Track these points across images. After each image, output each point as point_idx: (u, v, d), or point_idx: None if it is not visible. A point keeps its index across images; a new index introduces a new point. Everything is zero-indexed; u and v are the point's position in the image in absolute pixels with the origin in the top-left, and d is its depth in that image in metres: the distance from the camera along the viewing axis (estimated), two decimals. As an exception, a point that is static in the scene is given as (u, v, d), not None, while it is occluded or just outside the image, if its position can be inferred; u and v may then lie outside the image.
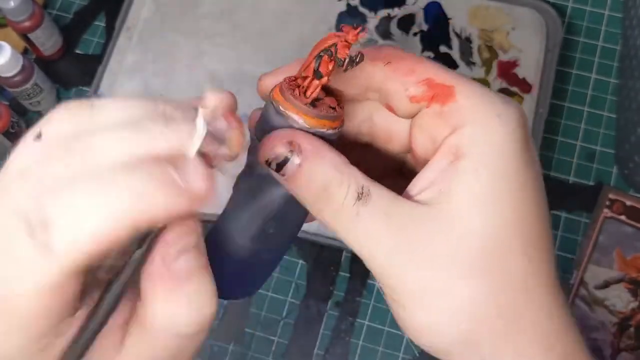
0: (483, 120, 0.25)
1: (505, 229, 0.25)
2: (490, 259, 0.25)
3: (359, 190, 0.25)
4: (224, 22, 0.70)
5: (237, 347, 0.60)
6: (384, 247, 0.25)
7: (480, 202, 0.25)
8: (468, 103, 0.25)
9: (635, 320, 0.59)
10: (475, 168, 0.25)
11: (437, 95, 0.26)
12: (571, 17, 0.70)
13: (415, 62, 0.27)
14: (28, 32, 0.64)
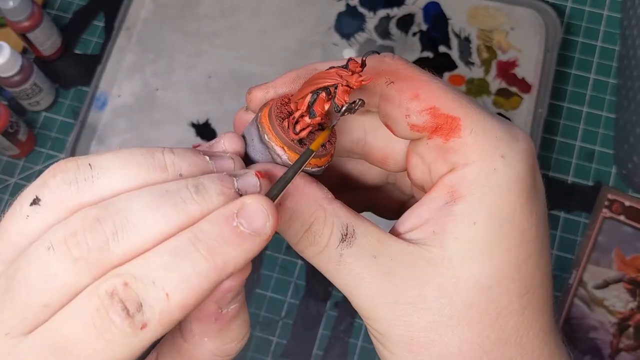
0: (486, 161, 0.24)
1: (500, 279, 0.24)
2: (481, 312, 0.23)
3: (342, 230, 0.24)
4: (223, 22, 0.70)
5: (236, 347, 0.60)
6: (370, 290, 0.24)
7: (476, 250, 0.23)
8: (472, 140, 0.24)
9: (634, 320, 0.59)
10: (473, 213, 0.23)
11: (440, 128, 0.24)
12: (570, 18, 0.70)
13: (421, 84, 0.24)
14: (27, 32, 0.64)
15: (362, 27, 0.69)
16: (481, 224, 0.23)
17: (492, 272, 0.23)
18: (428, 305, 0.23)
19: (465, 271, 0.23)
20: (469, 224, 0.23)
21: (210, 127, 0.65)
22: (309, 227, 0.24)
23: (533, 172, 0.24)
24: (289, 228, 0.25)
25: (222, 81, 0.67)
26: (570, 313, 0.60)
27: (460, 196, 0.24)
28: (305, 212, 0.24)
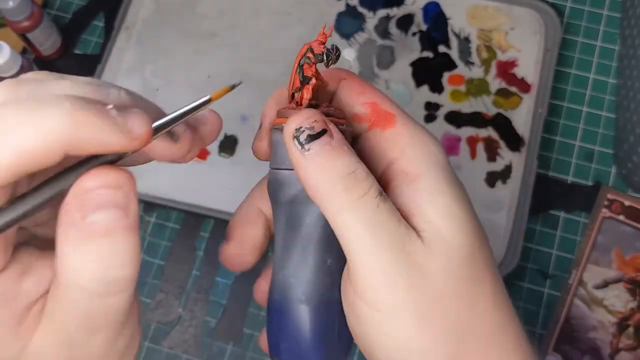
0: (423, 144, 0.27)
1: (477, 243, 0.26)
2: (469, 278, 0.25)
3: (380, 188, 0.25)
4: (222, 22, 0.70)
5: (236, 347, 0.60)
6: (389, 253, 0.24)
7: (453, 219, 0.26)
8: (407, 130, 0.27)
9: (634, 320, 0.59)
10: (436, 185, 0.26)
11: (378, 120, 0.28)
12: (570, 17, 0.70)
13: (367, 86, 0.29)
14: (27, 32, 0.64)
15: (362, 27, 0.69)
16: (447, 194, 0.26)
17: (471, 240, 0.26)
18: (435, 279, 0.24)
19: (454, 242, 0.25)
20: (439, 195, 0.25)
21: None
22: (354, 171, 0.25)
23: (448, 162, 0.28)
24: (330, 170, 0.24)
25: (221, 81, 0.67)
26: (570, 313, 0.60)
27: (418, 174, 0.26)
28: (351, 159, 0.25)
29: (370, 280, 0.24)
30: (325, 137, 0.25)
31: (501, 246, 0.60)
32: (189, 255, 0.62)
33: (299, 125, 0.25)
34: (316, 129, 0.25)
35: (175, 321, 0.61)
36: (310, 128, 0.25)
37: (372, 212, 0.24)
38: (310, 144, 0.25)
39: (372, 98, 0.28)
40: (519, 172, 0.62)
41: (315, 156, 0.25)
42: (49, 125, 0.19)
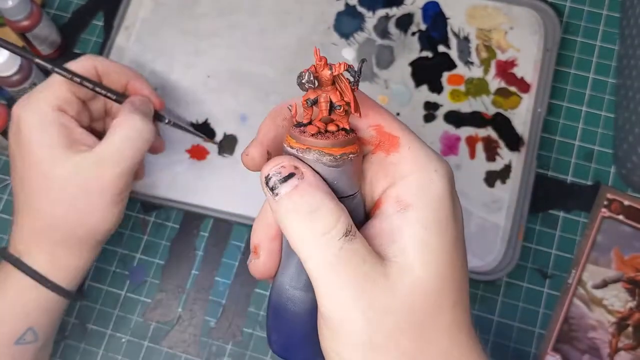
0: (424, 173, 0.27)
1: (446, 280, 0.27)
2: (433, 312, 0.26)
3: (347, 227, 0.26)
4: (222, 22, 0.70)
5: (235, 346, 0.60)
6: (352, 291, 0.25)
7: (430, 254, 0.26)
8: (410, 155, 0.27)
9: (633, 320, 0.59)
10: (422, 219, 0.26)
11: (383, 144, 0.28)
12: (569, 17, 0.70)
13: (372, 107, 0.28)
14: (26, 31, 0.64)
15: (361, 26, 0.69)
16: (430, 229, 0.26)
17: (441, 275, 0.26)
18: (396, 311, 0.26)
19: (423, 276, 0.26)
20: (423, 230, 0.26)
21: (209, 127, 0.65)
22: (317, 210, 0.26)
23: (454, 187, 0.28)
24: (297, 209, 0.26)
25: (221, 81, 0.67)
26: (570, 312, 0.60)
27: (409, 204, 0.27)
28: (315, 197, 0.26)
29: (331, 314, 0.26)
30: (292, 180, 0.26)
31: (500, 246, 0.60)
32: (189, 255, 0.62)
33: (267, 173, 0.27)
34: (283, 174, 0.26)
35: (174, 321, 0.61)
36: (277, 174, 0.26)
37: (333, 252, 0.25)
38: (278, 188, 0.26)
39: (376, 120, 0.28)
40: (518, 171, 0.63)
41: (282, 199, 0.26)
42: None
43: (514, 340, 0.60)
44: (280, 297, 0.30)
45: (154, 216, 0.64)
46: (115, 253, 0.63)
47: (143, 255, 0.63)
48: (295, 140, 0.27)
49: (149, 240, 0.63)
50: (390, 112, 0.29)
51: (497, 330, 0.60)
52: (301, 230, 0.26)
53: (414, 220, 0.26)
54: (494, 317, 0.60)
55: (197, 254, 0.63)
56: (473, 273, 0.59)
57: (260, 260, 0.30)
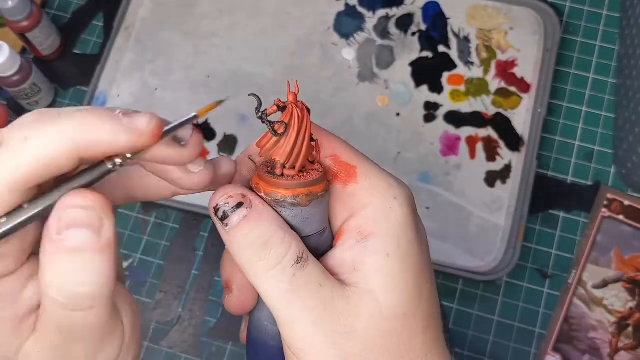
0: (383, 201, 0.27)
1: (410, 306, 0.26)
2: (398, 336, 0.26)
3: (299, 253, 0.25)
4: (222, 22, 0.70)
5: (235, 346, 0.60)
6: (312, 317, 0.25)
7: (392, 281, 0.26)
8: (368, 185, 0.27)
9: (634, 320, 0.59)
10: (384, 246, 0.26)
11: (340, 174, 0.27)
12: (569, 17, 0.70)
13: (326, 137, 0.28)
14: (26, 32, 0.64)
15: (361, 26, 0.69)
16: (392, 256, 0.26)
17: (406, 300, 0.26)
18: (360, 334, 0.25)
19: (387, 301, 0.26)
20: (384, 257, 0.26)
21: (209, 127, 0.65)
22: (267, 241, 0.25)
23: (416, 212, 0.28)
24: (246, 241, 0.25)
25: (221, 81, 0.67)
26: (570, 312, 0.60)
27: (370, 233, 0.26)
28: (266, 228, 0.26)
29: (295, 342, 0.26)
30: (241, 210, 0.26)
31: (500, 246, 0.60)
32: (188, 255, 0.62)
33: (215, 204, 0.26)
34: (231, 204, 0.26)
35: (174, 321, 0.61)
36: (226, 204, 0.26)
37: (287, 280, 0.25)
38: (228, 218, 0.26)
39: (331, 150, 0.28)
40: (519, 171, 0.62)
41: (232, 230, 0.26)
42: (61, 130, 0.21)
43: (514, 340, 0.60)
44: (259, 334, 0.29)
45: (153, 216, 0.64)
46: (115, 253, 0.63)
47: (143, 255, 0.63)
48: (261, 183, 0.27)
49: (148, 240, 0.63)
50: (344, 141, 0.29)
51: (497, 330, 0.60)
52: (254, 263, 0.25)
53: (375, 249, 0.26)
54: (494, 317, 0.60)
55: (197, 254, 0.62)
56: (473, 273, 0.59)
57: (234, 295, 0.29)
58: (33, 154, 0.20)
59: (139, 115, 0.22)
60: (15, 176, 0.20)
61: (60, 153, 0.21)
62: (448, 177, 0.63)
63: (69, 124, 0.21)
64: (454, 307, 0.60)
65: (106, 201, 0.22)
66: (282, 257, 0.25)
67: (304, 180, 0.26)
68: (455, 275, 0.59)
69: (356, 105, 0.66)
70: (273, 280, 0.25)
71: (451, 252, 0.61)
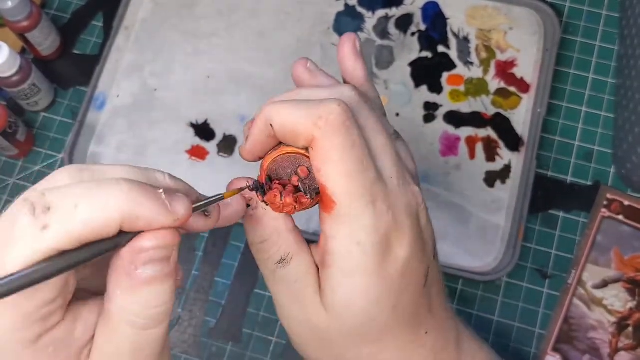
0: (344, 243, 0.30)
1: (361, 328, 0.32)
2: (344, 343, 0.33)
3: (283, 255, 0.32)
4: (221, 22, 0.70)
5: (235, 347, 0.60)
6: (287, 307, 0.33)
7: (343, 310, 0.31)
8: (338, 224, 0.30)
9: (634, 320, 0.59)
10: (336, 283, 0.31)
11: (322, 202, 0.30)
12: (569, 17, 0.70)
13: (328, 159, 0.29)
14: (26, 32, 0.64)
15: (361, 27, 0.69)
16: (339, 294, 0.31)
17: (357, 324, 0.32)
18: (315, 329, 0.33)
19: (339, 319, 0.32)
20: (330, 292, 0.31)
21: (209, 127, 0.65)
22: (264, 241, 0.32)
23: (387, 246, 0.30)
24: (252, 234, 0.33)
25: (220, 81, 0.67)
26: (570, 313, 0.60)
27: (327, 265, 0.31)
28: (266, 231, 0.32)
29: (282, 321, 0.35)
30: (249, 209, 0.32)
31: (500, 246, 0.60)
32: (189, 256, 0.62)
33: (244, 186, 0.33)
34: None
35: (174, 321, 0.61)
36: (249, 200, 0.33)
37: (269, 273, 0.33)
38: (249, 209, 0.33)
39: (324, 179, 0.29)
40: (518, 172, 0.63)
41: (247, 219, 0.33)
42: (111, 203, 0.23)
43: (514, 340, 0.60)
44: None
45: (153, 217, 0.64)
46: (115, 254, 0.63)
47: (143, 255, 0.63)
48: None
49: (148, 240, 0.63)
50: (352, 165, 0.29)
51: (497, 330, 0.60)
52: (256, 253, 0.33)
53: (329, 281, 0.31)
54: (494, 317, 0.60)
55: (197, 255, 0.62)
56: (473, 273, 0.59)
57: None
58: (83, 221, 0.23)
59: (179, 200, 0.25)
60: (65, 241, 0.23)
61: (107, 223, 0.23)
62: (448, 177, 0.63)
63: (118, 196, 0.24)
64: (454, 307, 0.60)
65: (176, 234, 0.25)
66: (270, 255, 0.32)
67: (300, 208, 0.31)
68: (455, 276, 0.59)
69: (356, 105, 0.66)
70: (263, 269, 0.33)
71: (451, 252, 0.61)
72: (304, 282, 0.32)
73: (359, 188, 0.29)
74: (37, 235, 0.22)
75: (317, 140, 0.29)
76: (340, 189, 0.29)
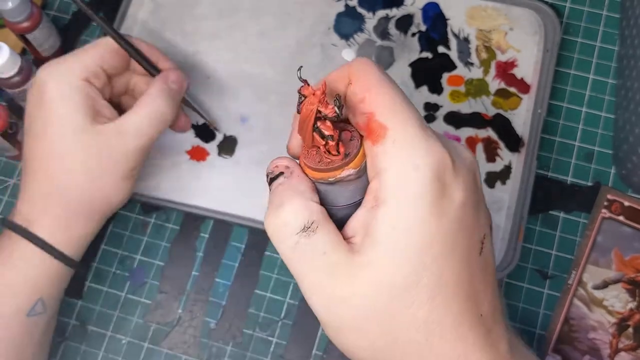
0: (401, 169, 0.27)
1: (412, 279, 0.27)
2: (396, 307, 0.28)
3: (307, 222, 0.29)
4: (221, 23, 0.70)
5: (236, 347, 0.60)
6: (313, 281, 0.29)
7: (395, 254, 0.27)
8: (393, 149, 0.27)
9: (634, 321, 0.59)
10: (392, 218, 0.27)
11: (372, 132, 0.28)
12: (569, 18, 0.70)
13: (371, 89, 0.28)
14: (26, 33, 0.64)
15: (361, 27, 0.69)
16: (399, 229, 0.27)
17: (407, 273, 0.27)
18: (355, 302, 0.28)
19: (387, 273, 0.27)
20: (390, 228, 0.27)
21: (209, 128, 0.65)
22: (282, 204, 0.29)
23: (444, 179, 0.27)
24: (271, 203, 0.30)
25: (221, 82, 0.67)
26: (570, 313, 0.60)
27: (382, 201, 0.28)
28: (284, 193, 0.29)
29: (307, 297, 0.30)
30: (279, 179, 0.30)
31: (501, 247, 0.60)
32: (189, 256, 0.62)
33: (267, 171, 0.31)
34: (275, 173, 0.31)
35: (174, 322, 0.61)
36: (272, 172, 0.31)
37: (290, 245, 0.29)
38: (271, 184, 0.31)
39: (370, 106, 0.28)
40: (519, 172, 0.63)
41: (270, 193, 0.31)
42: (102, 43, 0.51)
43: (514, 341, 0.60)
44: None
45: (154, 217, 0.64)
46: (116, 254, 0.63)
47: (143, 256, 0.63)
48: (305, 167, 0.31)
49: (149, 241, 0.63)
50: (394, 91, 0.28)
51: (497, 331, 0.60)
52: (270, 222, 0.29)
53: (383, 220, 0.27)
54: (494, 318, 0.60)
55: (197, 255, 0.63)
56: (473, 274, 0.59)
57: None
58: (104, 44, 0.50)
59: None
60: None
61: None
62: (448, 177, 0.63)
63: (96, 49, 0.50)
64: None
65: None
66: (290, 221, 0.29)
67: (326, 166, 0.29)
68: (456, 276, 0.59)
69: (356, 106, 0.66)
70: (281, 241, 0.29)
71: (451, 252, 0.61)
72: (338, 251, 0.28)
73: (408, 111, 0.28)
74: None
75: (354, 73, 0.29)
76: (389, 111, 0.28)
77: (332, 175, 0.29)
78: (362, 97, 0.28)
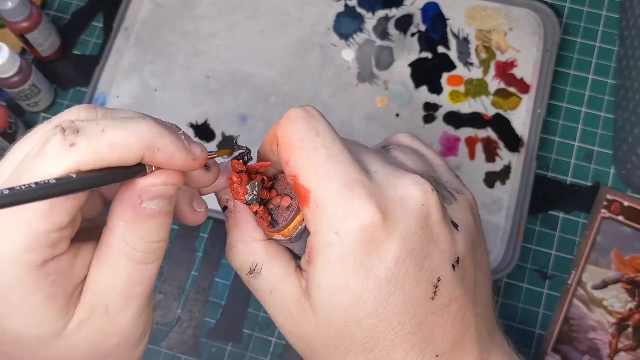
0: (324, 234, 0.28)
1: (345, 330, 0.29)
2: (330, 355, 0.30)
3: (252, 266, 0.31)
4: (221, 23, 0.70)
5: (235, 347, 0.60)
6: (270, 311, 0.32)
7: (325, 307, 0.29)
8: (317, 212, 0.28)
9: (633, 321, 0.59)
10: (318, 279, 0.28)
11: (298, 196, 0.28)
12: (569, 18, 0.70)
13: (295, 152, 0.28)
14: (26, 33, 0.64)
15: (361, 27, 0.69)
16: (324, 290, 0.28)
17: (338, 326, 0.29)
18: (301, 343, 0.31)
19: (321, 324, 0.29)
20: (318, 287, 0.29)
21: (209, 128, 0.65)
22: (231, 249, 0.32)
23: (370, 242, 0.27)
24: (229, 235, 0.32)
25: (221, 82, 0.67)
26: (570, 313, 0.60)
27: (312, 260, 0.29)
28: (234, 238, 0.32)
29: None
30: (225, 212, 0.33)
31: (500, 247, 0.60)
32: (188, 257, 0.62)
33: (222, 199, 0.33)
34: (221, 205, 0.33)
35: (174, 322, 0.61)
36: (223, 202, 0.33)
37: (247, 284, 0.32)
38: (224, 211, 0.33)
39: (294, 169, 0.28)
40: (518, 172, 0.63)
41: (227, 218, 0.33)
42: (137, 130, 0.24)
43: (513, 340, 0.60)
44: None
45: (153, 217, 0.64)
46: (115, 254, 0.63)
47: (143, 256, 0.63)
48: None
49: (148, 241, 0.63)
50: (320, 150, 0.28)
51: (497, 331, 0.60)
52: (230, 262, 0.33)
53: (313, 277, 0.29)
54: (494, 318, 0.60)
55: (196, 255, 0.62)
56: (473, 274, 0.59)
57: None
58: (109, 143, 0.24)
59: (196, 143, 0.27)
60: (90, 159, 0.24)
61: (130, 148, 0.24)
62: (448, 178, 0.63)
63: (143, 126, 0.25)
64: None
65: (182, 176, 0.26)
66: (240, 266, 0.32)
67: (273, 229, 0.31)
68: (455, 276, 0.59)
69: (356, 106, 0.66)
70: (243, 280, 0.32)
71: (451, 253, 0.61)
72: (282, 291, 0.30)
73: (332, 172, 0.27)
74: (64, 152, 0.23)
75: (279, 133, 0.28)
76: (311, 173, 0.27)
77: (270, 236, 0.31)
78: (286, 159, 0.28)
